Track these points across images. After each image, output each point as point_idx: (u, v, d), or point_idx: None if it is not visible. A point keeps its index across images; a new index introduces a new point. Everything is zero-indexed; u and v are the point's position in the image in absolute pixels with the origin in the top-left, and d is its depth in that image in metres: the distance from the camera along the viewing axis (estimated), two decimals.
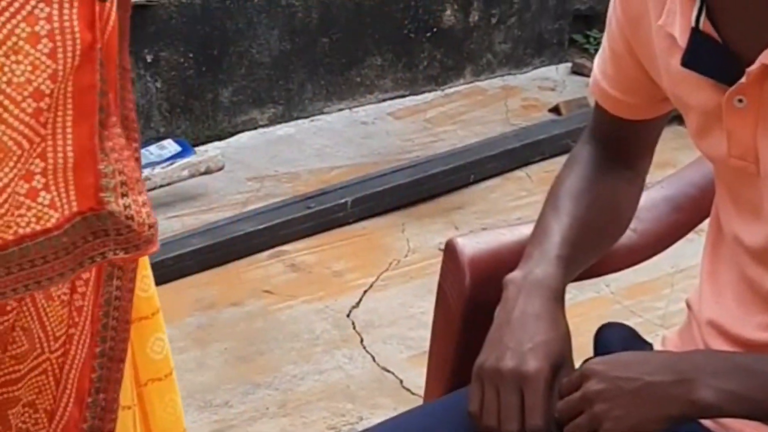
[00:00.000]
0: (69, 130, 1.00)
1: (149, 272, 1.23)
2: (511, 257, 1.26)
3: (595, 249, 1.31)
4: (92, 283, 1.14)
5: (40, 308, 1.14)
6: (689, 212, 1.44)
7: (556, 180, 1.32)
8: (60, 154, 1.01)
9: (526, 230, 1.30)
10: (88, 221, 1.04)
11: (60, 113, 0.99)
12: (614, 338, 1.32)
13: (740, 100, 1.10)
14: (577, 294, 2.60)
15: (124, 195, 1.04)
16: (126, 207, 1.04)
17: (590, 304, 2.63)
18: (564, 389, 1.14)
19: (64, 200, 1.03)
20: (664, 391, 1.08)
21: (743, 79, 1.09)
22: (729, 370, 1.08)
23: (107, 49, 1.02)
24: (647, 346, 1.33)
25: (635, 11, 1.20)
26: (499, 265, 1.27)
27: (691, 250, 1.69)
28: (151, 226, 1.06)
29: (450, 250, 1.35)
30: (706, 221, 1.33)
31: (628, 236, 1.37)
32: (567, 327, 1.19)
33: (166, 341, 1.27)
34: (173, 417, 1.29)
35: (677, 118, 1.27)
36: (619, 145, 1.32)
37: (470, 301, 1.33)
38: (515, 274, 1.21)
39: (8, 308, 1.11)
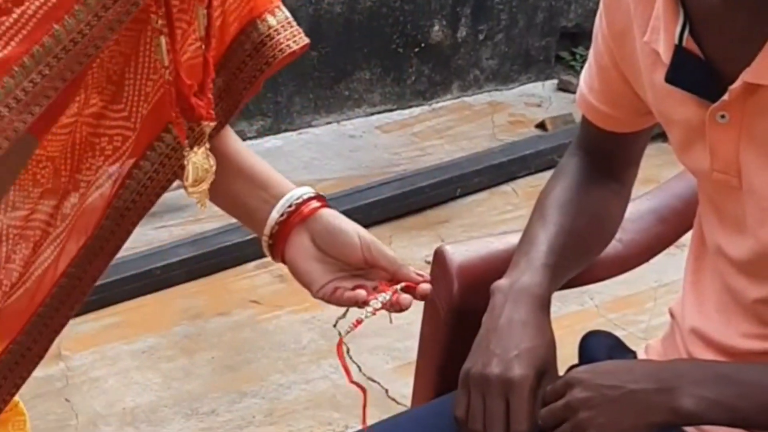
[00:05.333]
0: None
1: None
2: (499, 265, 1.28)
3: (581, 258, 1.32)
4: None
5: None
6: (673, 224, 1.46)
7: (544, 190, 1.34)
8: None
9: (514, 239, 1.31)
10: None
11: None
12: (598, 346, 1.34)
13: (723, 116, 1.12)
14: (561, 307, 2.62)
15: None
16: None
17: (574, 317, 2.65)
18: (548, 396, 1.15)
19: None
20: (647, 399, 1.10)
21: (726, 96, 1.10)
22: (710, 379, 1.10)
23: None
24: (631, 354, 1.35)
25: (620, 27, 1.22)
26: (488, 272, 1.29)
27: (674, 264, 1.72)
28: None
29: (439, 258, 1.36)
30: (689, 233, 1.35)
31: (613, 246, 1.39)
32: (552, 334, 1.20)
33: None
34: None
35: (661, 135, 1.28)
36: (605, 157, 1.33)
37: (458, 307, 1.35)
38: (502, 282, 1.22)
39: None
